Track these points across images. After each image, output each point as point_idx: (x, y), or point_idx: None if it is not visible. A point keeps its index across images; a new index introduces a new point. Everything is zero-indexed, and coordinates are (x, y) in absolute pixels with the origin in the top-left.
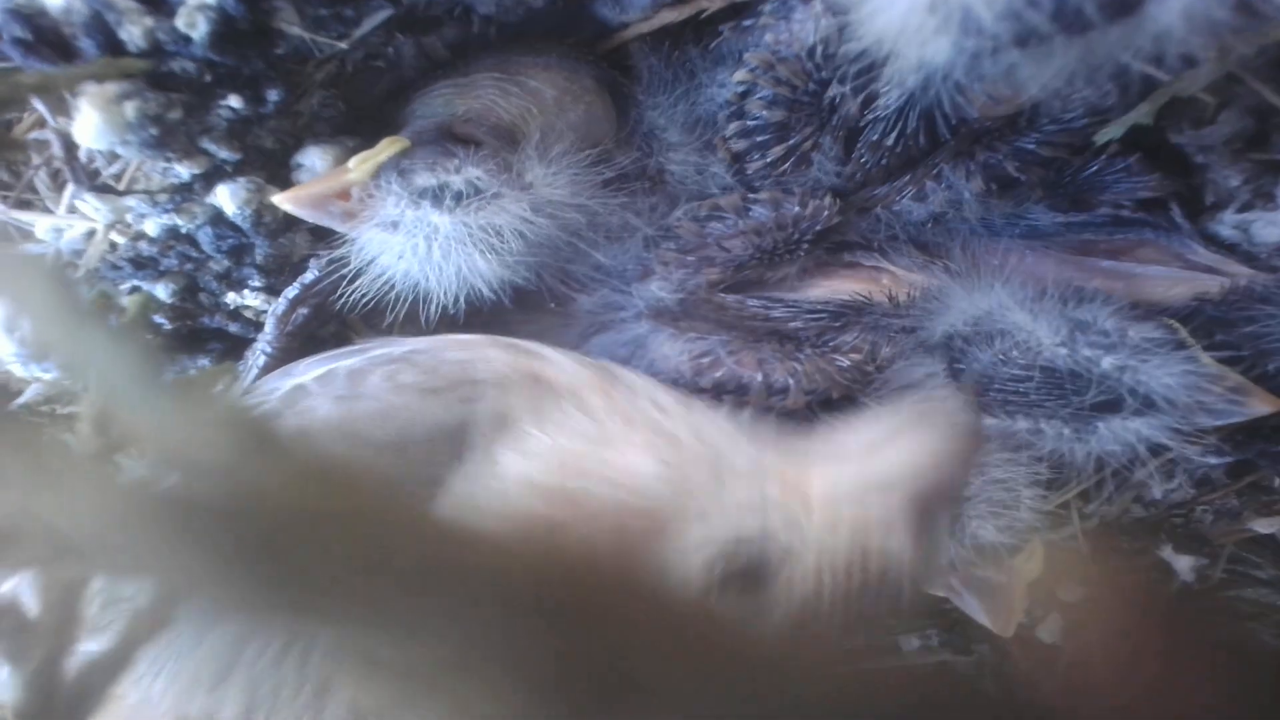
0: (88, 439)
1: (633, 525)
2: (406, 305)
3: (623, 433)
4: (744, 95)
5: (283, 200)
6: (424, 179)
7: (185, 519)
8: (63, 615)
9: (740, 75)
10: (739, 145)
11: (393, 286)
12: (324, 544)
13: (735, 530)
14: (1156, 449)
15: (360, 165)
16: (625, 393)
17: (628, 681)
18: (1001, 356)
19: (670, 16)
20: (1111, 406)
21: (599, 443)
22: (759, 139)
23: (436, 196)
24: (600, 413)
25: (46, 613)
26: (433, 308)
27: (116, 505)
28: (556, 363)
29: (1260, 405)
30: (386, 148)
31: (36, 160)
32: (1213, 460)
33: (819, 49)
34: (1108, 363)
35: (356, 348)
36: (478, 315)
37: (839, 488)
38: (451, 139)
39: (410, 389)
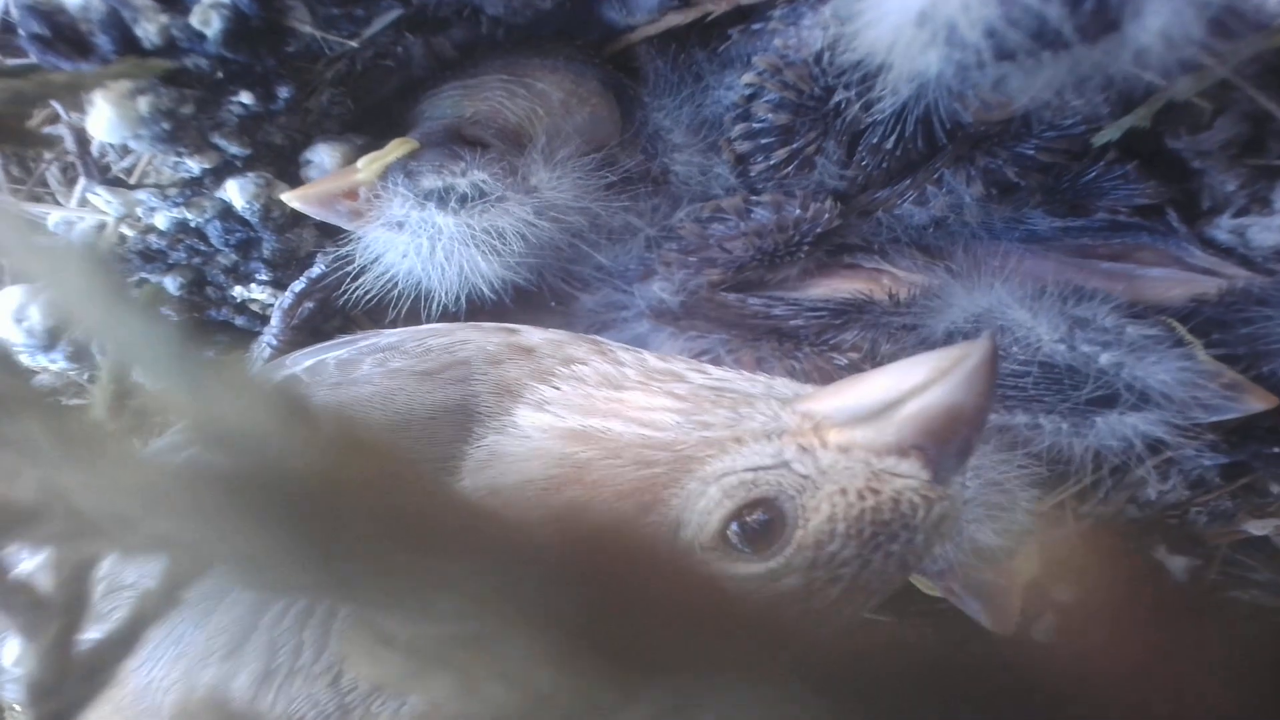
0: (103, 418)
1: (654, 458)
2: (409, 303)
3: (631, 377)
4: (750, 98)
5: (291, 198)
6: (430, 181)
7: (217, 491)
8: (75, 591)
9: (748, 78)
10: (743, 147)
11: (395, 284)
12: (352, 516)
13: (753, 460)
14: (1153, 444)
15: (369, 166)
16: (620, 351)
17: (637, 660)
18: (1001, 352)
19: (676, 19)
20: (1108, 401)
21: (610, 386)
22: (763, 141)
23: (442, 198)
24: (602, 364)
25: (59, 590)
26: (434, 306)
27: (146, 479)
28: (539, 334)
29: (1255, 402)
30: (395, 149)
31: (48, 154)
32: (1207, 461)
33: (826, 55)
34: (1105, 359)
35: (343, 340)
36: (479, 313)
37: (853, 414)
38: (459, 141)
39: (403, 373)
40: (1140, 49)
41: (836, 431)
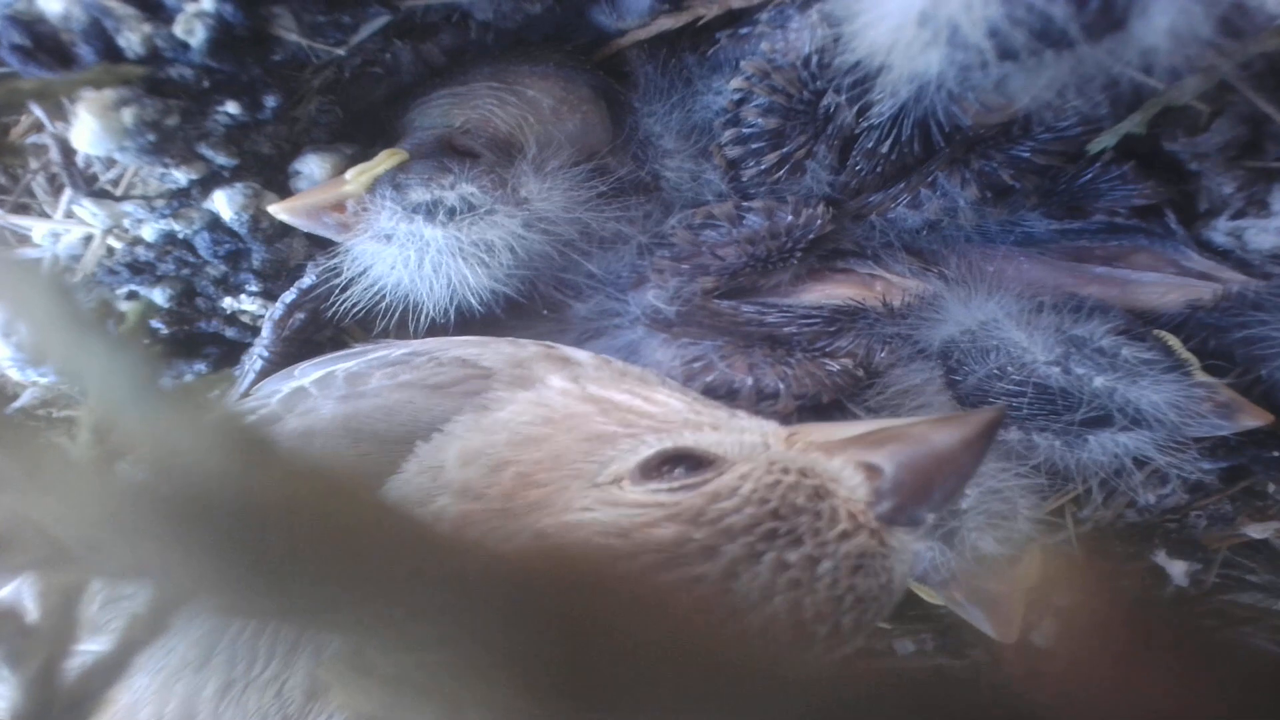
0: (87, 445)
1: (617, 427)
2: (397, 314)
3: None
4: (740, 103)
5: (278, 210)
6: (419, 194)
7: (181, 524)
8: (62, 619)
9: (736, 83)
10: (734, 152)
11: (384, 296)
12: (318, 550)
13: (713, 437)
14: (1141, 461)
15: (357, 178)
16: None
17: (621, 690)
18: (997, 371)
19: (667, 23)
20: (1101, 422)
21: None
22: (754, 146)
23: (430, 211)
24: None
25: (46, 617)
26: (423, 318)
27: (114, 510)
28: (534, 346)
29: (1248, 419)
30: (384, 160)
31: (34, 165)
32: (1206, 466)
33: (814, 58)
34: (1099, 382)
35: (354, 351)
36: (470, 324)
37: (834, 432)
38: (449, 151)
39: (413, 385)
40: (1146, 48)
41: (805, 436)
